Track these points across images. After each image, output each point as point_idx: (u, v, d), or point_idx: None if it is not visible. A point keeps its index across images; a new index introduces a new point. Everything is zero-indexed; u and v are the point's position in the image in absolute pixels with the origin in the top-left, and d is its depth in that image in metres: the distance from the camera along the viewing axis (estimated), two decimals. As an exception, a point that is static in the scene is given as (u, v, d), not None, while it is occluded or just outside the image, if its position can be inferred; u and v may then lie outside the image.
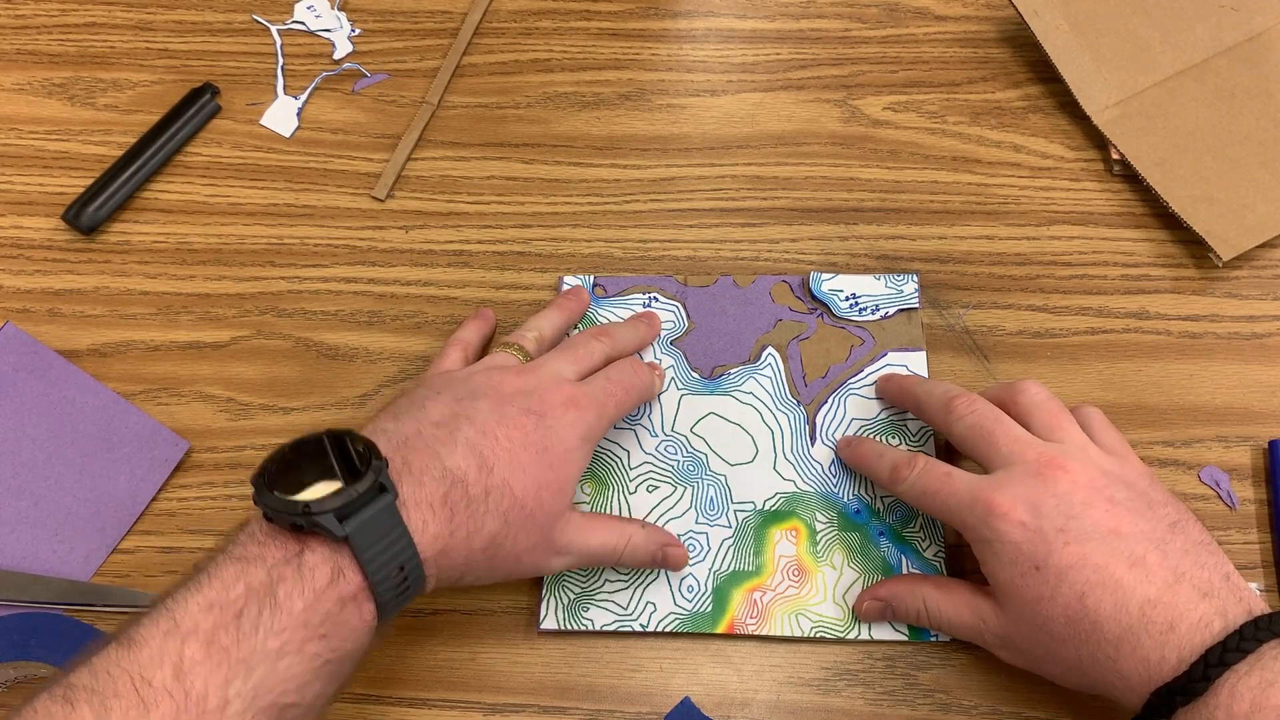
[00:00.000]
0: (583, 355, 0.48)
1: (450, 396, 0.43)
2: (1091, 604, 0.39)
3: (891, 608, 0.46)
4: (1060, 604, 0.39)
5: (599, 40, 0.62)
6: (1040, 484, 0.41)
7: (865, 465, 0.49)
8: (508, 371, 0.45)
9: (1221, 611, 0.38)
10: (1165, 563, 0.39)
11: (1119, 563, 0.39)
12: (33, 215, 0.58)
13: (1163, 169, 0.56)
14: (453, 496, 0.39)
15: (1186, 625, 0.38)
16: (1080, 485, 0.41)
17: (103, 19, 0.63)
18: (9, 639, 0.45)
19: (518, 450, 0.41)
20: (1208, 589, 0.38)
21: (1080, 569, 0.39)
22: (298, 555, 0.36)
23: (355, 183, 0.59)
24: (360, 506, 0.36)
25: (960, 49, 0.62)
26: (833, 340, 0.54)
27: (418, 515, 0.38)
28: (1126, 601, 0.38)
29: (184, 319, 0.55)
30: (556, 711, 0.47)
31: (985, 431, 0.44)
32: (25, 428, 0.52)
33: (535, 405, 0.43)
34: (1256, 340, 0.54)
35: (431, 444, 0.40)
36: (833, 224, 0.57)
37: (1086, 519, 0.40)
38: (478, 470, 0.40)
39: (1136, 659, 0.38)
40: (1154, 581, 0.39)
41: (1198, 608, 0.38)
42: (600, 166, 0.59)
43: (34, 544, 0.50)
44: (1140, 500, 0.41)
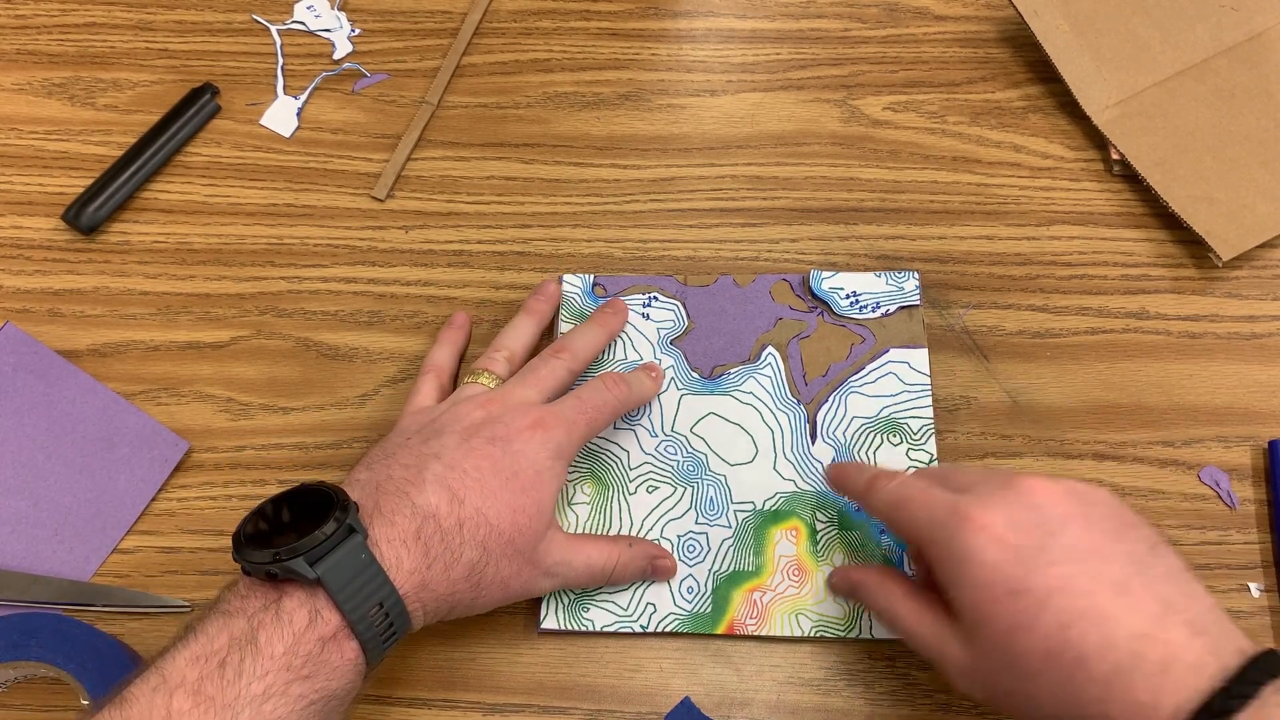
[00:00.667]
0: (544, 376, 0.47)
1: (418, 439, 0.44)
2: (1076, 637, 0.35)
3: (858, 594, 0.45)
4: (1040, 635, 0.36)
5: (599, 40, 0.62)
6: (1013, 495, 0.38)
7: (845, 478, 0.46)
8: (473, 403, 0.45)
9: (1214, 650, 0.34)
10: (1150, 590, 0.36)
11: (1104, 589, 0.36)
12: (33, 215, 0.58)
13: (1163, 169, 0.56)
14: (425, 531, 0.40)
15: (1183, 666, 0.34)
16: (1056, 499, 0.38)
17: (103, 19, 0.63)
18: (9, 639, 0.45)
19: (487, 478, 0.42)
20: (1199, 625, 0.35)
21: (1064, 594, 0.36)
22: (276, 602, 0.37)
23: (355, 183, 0.59)
24: (330, 549, 0.37)
25: (960, 49, 0.62)
26: (833, 338, 0.54)
27: (391, 552, 0.39)
28: (1114, 635, 0.35)
29: (184, 319, 0.55)
30: (556, 711, 0.47)
31: (903, 501, 0.41)
32: (25, 428, 0.52)
33: (500, 433, 0.43)
34: (1256, 340, 0.54)
35: (401, 486, 0.41)
36: (833, 224, 0.57)
37: (1066, 538, 0.37)
38: (449, 504, 0.41)
39: (1128, 702, 0.34)
40: (1142, 612, 0.35)
41: (1191, 646, 0.34)
42: (600, 166, 0.59)
43: (34, 544, 0.50)
44: (1116, 519, 0.38)
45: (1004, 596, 0.36)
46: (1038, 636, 0.36)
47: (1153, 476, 0.51)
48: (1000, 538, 0.37)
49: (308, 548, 0.37)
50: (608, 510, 0.50)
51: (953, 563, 0.38)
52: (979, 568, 0.37)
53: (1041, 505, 0.38)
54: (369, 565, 0.38)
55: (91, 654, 0.45)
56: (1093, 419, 0.52)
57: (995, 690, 0.38)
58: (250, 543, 0.38)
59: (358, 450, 0.52)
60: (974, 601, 0.37)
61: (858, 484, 0.44)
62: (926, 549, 0.39)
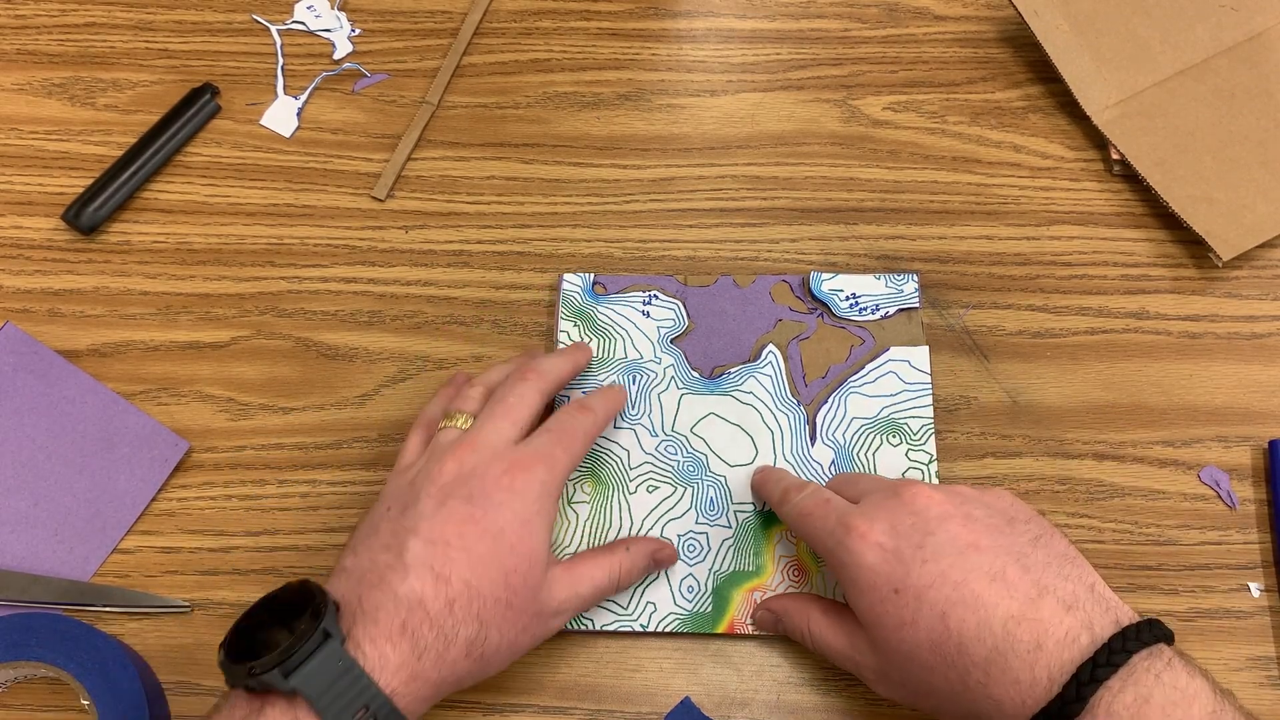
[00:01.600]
0: (513, 405, 0.45)
1: (396, 509, 0.42)
2: (954, 624, 0.37)
3: (782, 623, 0.46)
4: (923, 627, 0.38)
5: (599, 40, 0.62)
6: (898, 502, 0.40)
7: (764, 486, 0.48)
8: (446, 456, 0.43)
9: (1088, 624, 0.36)
10: (1026, 576, 0.37)
11: (978, 578, 0.37)
12: (33, 215, 0.58)
13: (1163, 169, 0.56)
14: (412, 622, 0.39)
15: (1053, 642, 0.36)
16: (936, 502, 0.40)
17: (103, 19, 0.63)
18: (9, 639, 0.45)
19: (471, 545, 0.40)
20: (1072, 601, 0.37)
21: (939, 587, 0.38)
22: (258, 712, 0.36)
23: (355, 183, 0.59)
24: (305, 657, 0.36)
25: (960, 49, 0.62)
26: (833, 340, 0.54)
27: (374, 651, 0.38)
28: (989, 619, 0.37)
29: (184, 319, 0.55)
30: (556, 711, 0.47)
31: (806, 513, 0.43)
32: (25, 428, 0.52)
33: (476, 489, 0.42)
34: (1256, 340, 0.54)
35: (383, 574, 0.40)
36: (833, 224, 0.57)
37: (942, 534, 0.39)
38: (434, 586, 0.39)
39: (1007, 681, 0.36)
40: (1016, 596, 0.37)
41: (1063, 622, 0.36)
42: (600, 166, 0.59)
43: (34, 544, 0.50)
44: (999, 518, 0.40)
45: (888, 596, 0.39)
46: (921, 630, 0.38)
47: (1153, 476, 0.51)
48: (879, 542, 0.39)
49: (282, 658, 0.36)
50: (608, 510, 0.50)
51: (842, 569, 0.41)
52: (863, 571, 0.39)
53: (921, 509, 0.40)
54: (348, 670, 0.37)
55: (91, 654, 0.45)
56: (1093, 419, 0.52)
57: (905, 689, 0.40)
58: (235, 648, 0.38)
59: (358, 450, 0.52)
60: (866, 605, 0.40)
61: (774, 495, 0.47)
62: (825, 558, 0.42)
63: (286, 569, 0.50)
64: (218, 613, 0.49)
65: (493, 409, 0.45)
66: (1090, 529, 0.50)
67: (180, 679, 0.48)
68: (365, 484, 0.52)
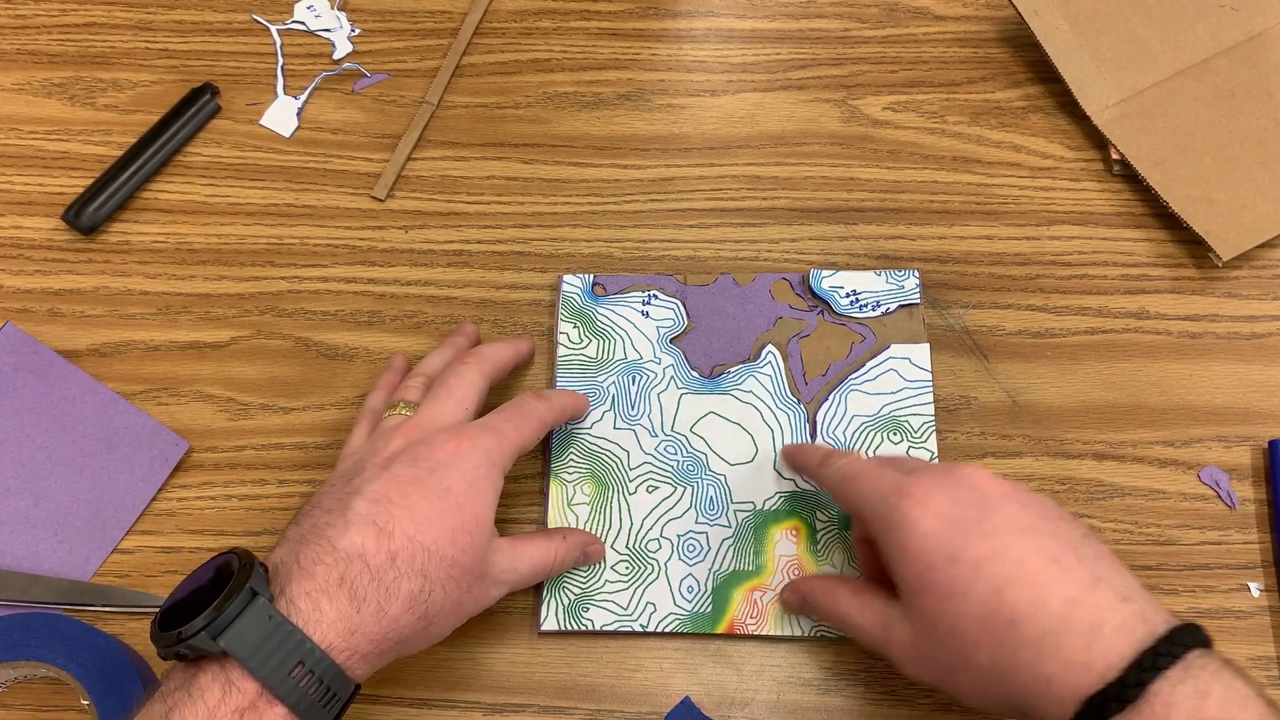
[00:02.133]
0: (454, 385, 0.46)
1: (340, 482, 0.42)
2: (1009, 599, 0.37)
3: (809, 604, 0.46)
4: (975, 600, 0.37)
5: (599, 40, 0.62)
6: (956, 477, 0.40)
7: (800, 455, 0.48)
8: (391, 435, 0.44)
9: (1143, 617, 0.36)
10: (1082, 565, 0.37)
11: (1037, 559, 0.37)
12: (33, 215, 0.58)
13: (1163, 169, 0.56)
14: (351, 574, 0.38)
15: (1110, 628, 0.36)
16: (994, 483, 0.40)
17: (103, 19, 0.63)
18: (9, 639, 0.45)
19: (416, 503, 0.40)
20: (1127, 593, 0.37)
21: (996, 562, 0.37)
22: (192, 679, 0.36)
23: (355, 183, 0.59)
24: (233, 618, 0.36)
25: (960, 49, 0.62)
26: (833, 337, 0.54)
27: (309, 605, 0.37)
28: (1047, 599, 0.36)
29: (184, 319, 0.55)
30: (556, 711, 0.47)
31: (852, 476, 0.43)
32: (25, 428, 0.52)
33: (423, 454, 0.42)
34: (1256, 340, 0.54)
35: (323, 532, 0.39)
36: (833, 224, 0.57)
37: (1002, 513, 0.39)
38: (376, 539, 0.39)
39: (1061, 661, 0.36)
40: (1074, 581, 0.37)
41: (1119, 611, 0.36)
42: (600, 166, 0.59)
43: (34, 544, 0.50)
44: (1051, 510, 0.40)
45: (941, 564, 0.38)
46: (973, 602, 0.37)
47: (1153, 476, 0.51)
48: (939, 510, 0.39)
49: (208, 620, 0.36)
50: (608, 510, 0.50)
51: (894, 533, 0.40)
52: (918, 537, 0.39)
53: (980, 486, 0.40)
54: (279, 626, 0.36)
55: (91, 654, 0.45)
56: (1093, 419, 0.52)
57: (939, 667, 0.39)
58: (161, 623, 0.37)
59: (358, 450, 0.52)
60: (914, 571, 0.39)
61: (811, 460, 0.47)
62: (871, 522, 0.41)
63: (286, 569, 0.50)
64: (218, 613, 0.49)
65: (436, 392, 0.46)
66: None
67: (180, 679, 0.48)
68: (365, 484, 0.52)
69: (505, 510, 0.51)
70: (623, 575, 0.49)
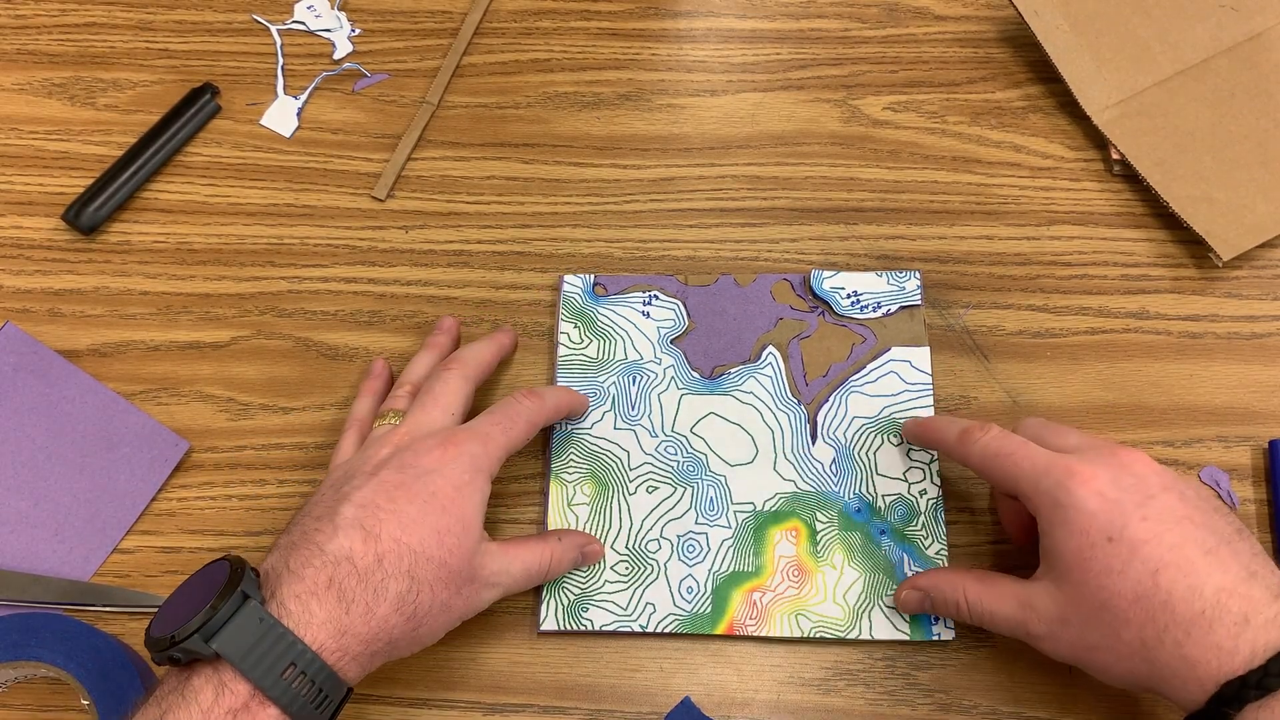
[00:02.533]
0: (440, 393, 0.46)
1: (330, 490, 0.43)
2: (1165, 581, 0.38)
3: (930, 599, 0.46)
4: (1131, 578, 0.39)
5: (599, 40, 0.62)
6: (1117, 463, 0.41)
7: (933, 432, 0.48)
8: (380, 444, 0.44)
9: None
10: (1236, 560, 0.39)
11: (1193, 548, 0.38)
12: (33, 215, 0.58)
13: (1163, 169, 0.56)
14: (339, 576, 0.39)
15: (1261, 620, 0.37)
16: (1156, 471, 0.41)
17: (103, 19, 0.63)
18: (9, 639, 0.45)
19: (402, 507, 0.41)
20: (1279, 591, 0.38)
21: (1154, 545, 0.39)
22: (185, 682, 0.37)
23: (355, 183, 0.59)
24: (224, 621, 0.37)
25: (960, 49, 0.62)
26: (834, 338, 0.54)
27: (299, 607, 0.38)
28: (1201, 585, 0.38)
29: (184, 319, 0.55)
30: (556, 711, 0.47)
31: (1005, 452, 0.43)
32: (25, 428, 0.51)
33: (409, 460, 0.43)
34: (1256, 340, 0.54)
35: (312, 537, 0.40)
36: (833, 224, 0.57)
37: (1162, 502, 0.40)
38: (363, 542, 0.40)
39: (1208, 645, 0.37)
40: (1229, 573, 0.38)
41: (1272, 606, 0.37)
42: (600, 166, 0.59)
43: (34, 544, 0.50)
44: (1207, 504, 0.41)
45: (1100, 542, 0.39)
46: (1128, 580, 0.39)
47: (1153, 476, 0.51)
48: (1101, 491, 0.40)
49: (201, 623, 0.36)
50: (607, 510, 0.50)
51: (1056, 509, 0.41)
52: (1081, 515, 0.40)
53: (1142, 474, 0.41)
54: (271, 628, 0.37)
55: (91, 654, 0.45)
56: (1093, 419, 0.52)
57: (1081, 642, 0.41)
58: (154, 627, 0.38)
59: (358, 450, 0.52)
60: (1074, 547, 0.40)
61: (948, 435, 0.46)
62: (1030, 498, 0.42)
63: (286, 569, 0.50)
64: (218, 613, 0.49)
65: (422, 400, 0.47)
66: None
67: (180, 679, 0.48)
68: (365, 484, 0.52)
69: (505, 510, 0.51)
70: (622, 575, 0.49)
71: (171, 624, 0.37)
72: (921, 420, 0.50)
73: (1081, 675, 0.44)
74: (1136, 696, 0.47)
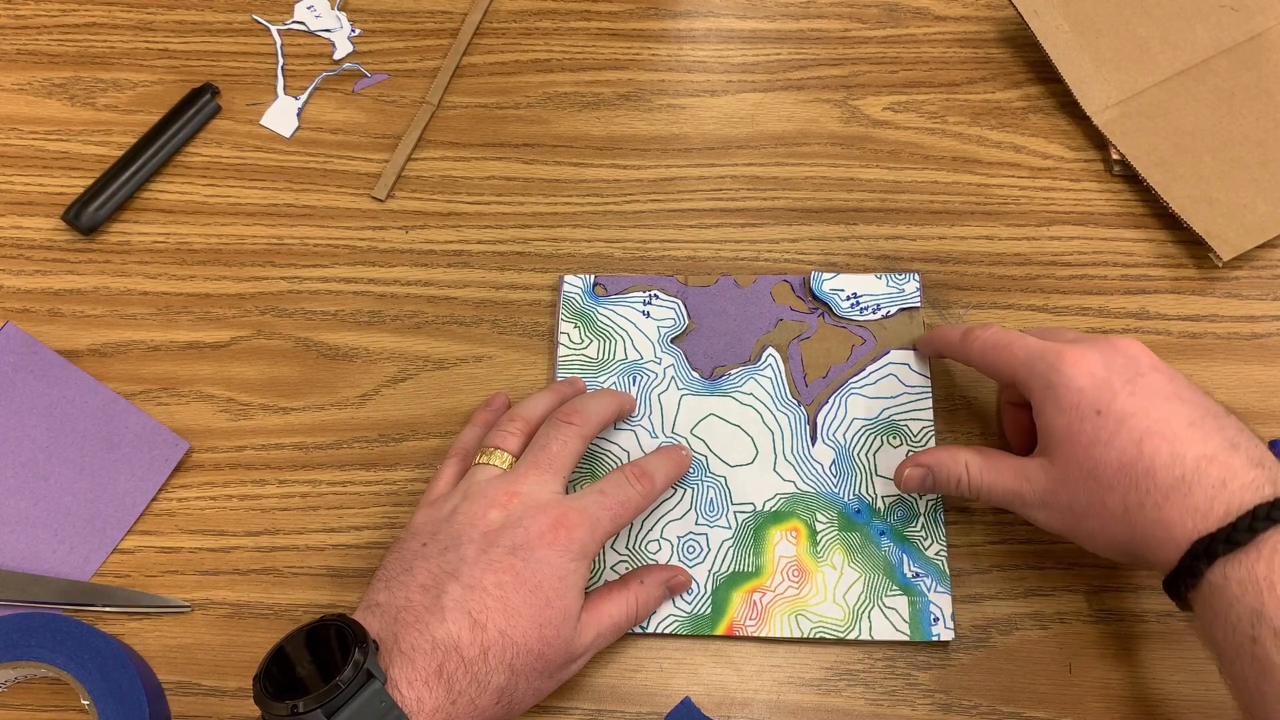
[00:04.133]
0: (556, 454, 0.45)
1: (435, 548, 0.42)
2: (1148, 449, 0.40)
3: (933, 475, 0.47)
4: (1116, 448, 0.40)
5: (599, 40, 0.62)
6: (1109, 347, 0.43)
7: (940, 338, 0.50)
8: (487, 500, 0.43)
9: (1273, 481, 0.39)
10: (1221, 432, 0.40)
11: (1179, 420, 0.40)
12: (33, 215, 0.58)
13: (1163, 169, 0.56)
14: (448, 666, 0.39)
15: (1238, 484, 0.38)
16: (1146, 354, 0.43)
17: (103, 19, 0.63)
18: (9, 639, 0.45)
19: (509, 595, 0.41)
20: (1260, 460, 0.39)
21: (1142, 417, 0.40)
22: None
23: (355, 183, 0.59)
24: (348, 698, 0.37)
25: (960, 49, 0.62)
26: (834, 340, 0.54)
27: (412, 694, 0.38)
28: (1183, 453, 0.39)
29: (184, 319, 0.55)
30: (556, 711, 0.47)
31: (1004, 343, 0.45)
32: (25, 428, 0.52)
33: (520, 539, 0.42)
34: (1256, 340, 0.54)
35: (420, 614, 0.40)
36: (833, 224, 0.57)
37: (1151, 380, 0.42)
38: (470, 631, 0.40)
39: (1185, 507, 0.39)
40: (1210, 442, 0.40)
41: (1250, 472, 0.39)
42: (600, 166, 0.59)
43: (34, 544, 0.50)
44: (1195, 388, 0.42)
45: (1089, 415, 0.41)
46: (1114, 450, 0.40)
47: (1153, 477, 0.51)
48: (1092, 370, 0.42)
49: (326, 698, 0.36)
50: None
51: (1050, 389, 0.43)
52: (1071, 392, 0.42)
53: (1133, 356, 0.43)
54: (389, 711, 0.37)
55: (91, 654, 0.45)
56: (1093, 419, 0.52)
57: (1070, 511, 0.42)
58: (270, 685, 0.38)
59: (358, 450, 0.52)
60: (1064, 422, 0.42)
61: (952, 337, 0.49)
62: (1026, 381, 0.44)
63: (286, 569, 0.50)
64: (218, 613, 0.49)
65: (537, 458, 0.45)
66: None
67: (180, 679, 0.48)
68: (365, 484, 0.52)
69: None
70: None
71: (289, 687, 0.37)
72: (930, 332, 0.52)
73: (1081, 675, 0.44)
74: (1137, 697, 0.47)
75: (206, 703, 0.48)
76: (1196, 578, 0.38)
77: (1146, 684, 0.47)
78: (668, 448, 0.50)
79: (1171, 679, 0.47)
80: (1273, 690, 0.36)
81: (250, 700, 0.38)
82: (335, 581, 0.50)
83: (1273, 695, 0.36)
